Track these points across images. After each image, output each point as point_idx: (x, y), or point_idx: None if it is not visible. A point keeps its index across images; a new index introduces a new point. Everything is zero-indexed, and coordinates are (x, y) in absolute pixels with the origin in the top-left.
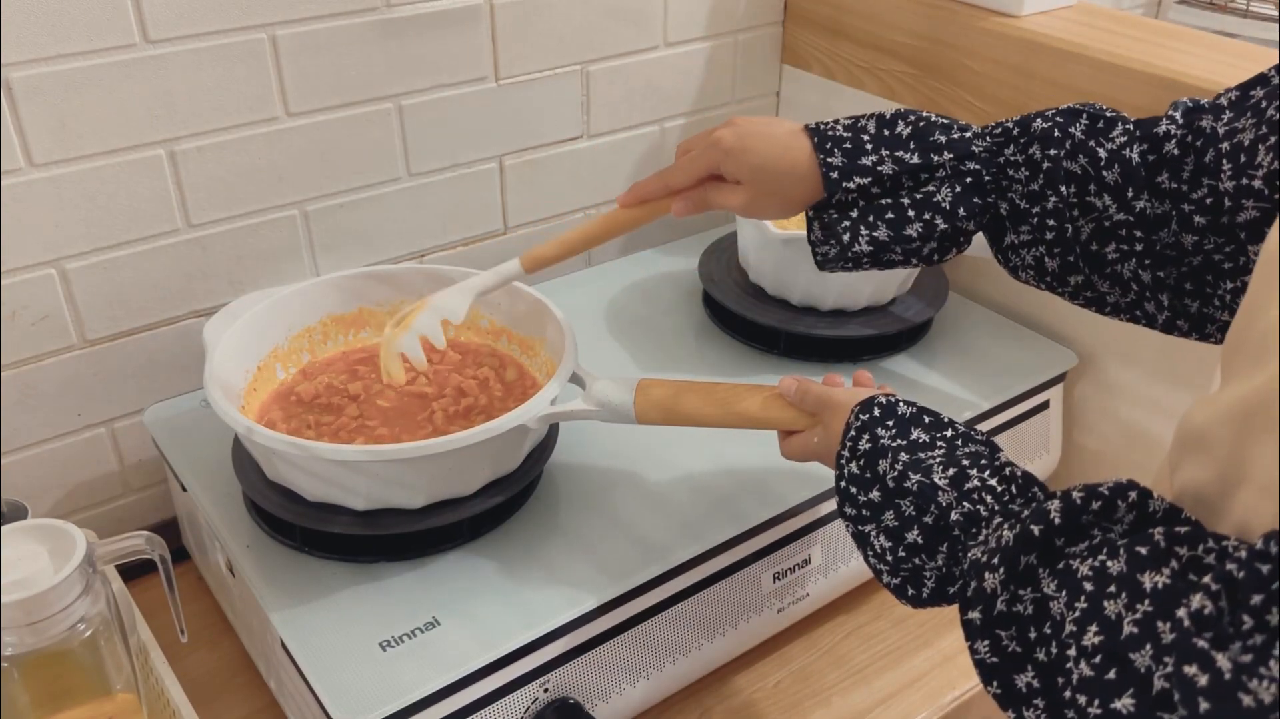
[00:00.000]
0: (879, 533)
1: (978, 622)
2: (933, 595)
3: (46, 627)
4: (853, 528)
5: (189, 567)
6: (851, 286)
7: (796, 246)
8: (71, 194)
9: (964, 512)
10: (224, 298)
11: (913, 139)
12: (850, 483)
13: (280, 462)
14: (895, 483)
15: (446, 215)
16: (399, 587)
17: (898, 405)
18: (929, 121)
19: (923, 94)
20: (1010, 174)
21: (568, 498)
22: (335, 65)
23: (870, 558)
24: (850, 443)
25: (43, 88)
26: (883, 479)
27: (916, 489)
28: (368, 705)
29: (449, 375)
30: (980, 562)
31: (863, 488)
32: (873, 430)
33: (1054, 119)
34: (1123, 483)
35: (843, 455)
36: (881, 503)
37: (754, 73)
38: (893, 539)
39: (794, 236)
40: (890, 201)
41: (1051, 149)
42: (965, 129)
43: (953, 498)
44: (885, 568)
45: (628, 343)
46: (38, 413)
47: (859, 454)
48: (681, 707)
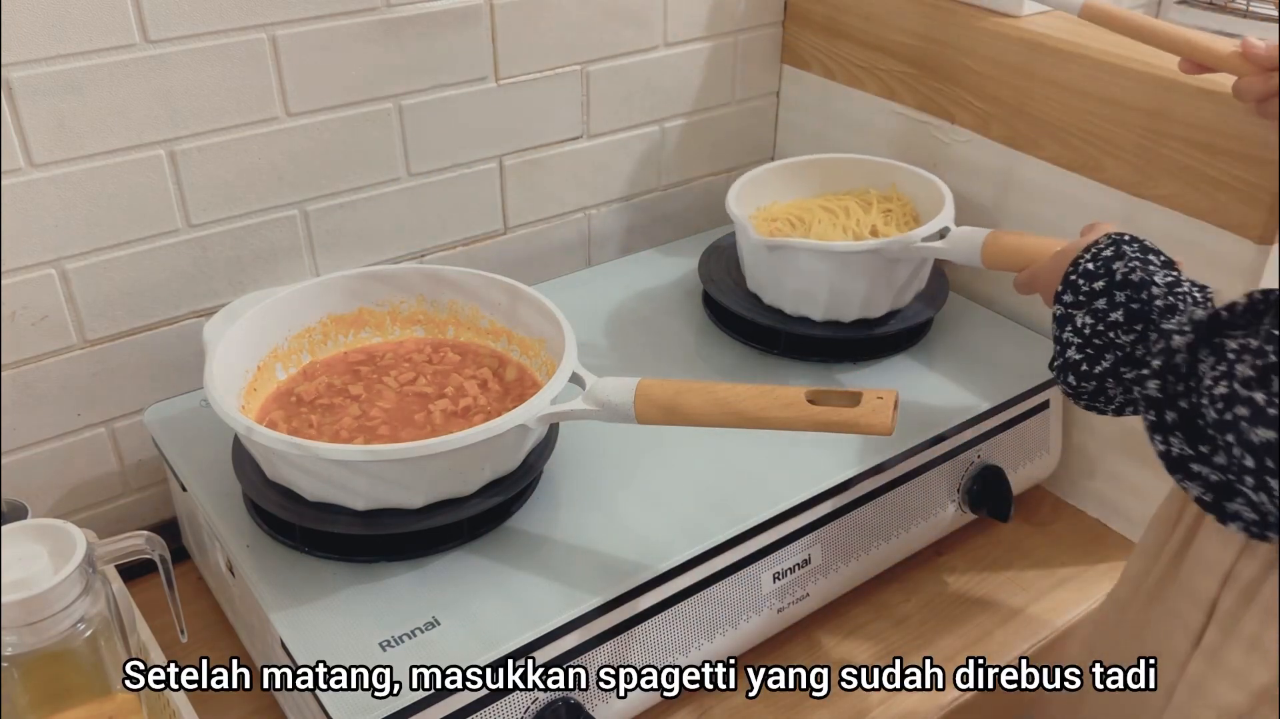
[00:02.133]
0: (1086, 313)
1: (1157, 368)
2: (1105, 373)
3: (46, 627)
4: (1060, 310)
5: (189, 567)
6: (841, 295)
7: (782, 255)
8: (71, 194)
9: (1167, 303)
10: (224, 298)
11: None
12: (1081, 276)
13: (280, 462)
14: (1122, 277)
15: (446, 215)
16: (399, 587)
17: (1145, 239)
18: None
19: (923, 94)
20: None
21: (568, 498)
22: (335, 65)
23: (1062, 332)
24: (1095, 248)
25: (43, 88)
26: (1112, 274)
27: (1138, 280)
28: (368, 705)
29: (449, 375)
30: (1171, 328)
31: (1089, 279)
32: (1119, 246)
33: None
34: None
35: (1083, 257)
36: (1101, 291)
37: (754, 73)
38: (1095, 318)
39: (779, 244)
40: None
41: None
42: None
43: (1163, 292)
44: (1073, 345)
45: (628, 343)
46: (38, 413)
47: (1100, 258)
48: (681, 707)
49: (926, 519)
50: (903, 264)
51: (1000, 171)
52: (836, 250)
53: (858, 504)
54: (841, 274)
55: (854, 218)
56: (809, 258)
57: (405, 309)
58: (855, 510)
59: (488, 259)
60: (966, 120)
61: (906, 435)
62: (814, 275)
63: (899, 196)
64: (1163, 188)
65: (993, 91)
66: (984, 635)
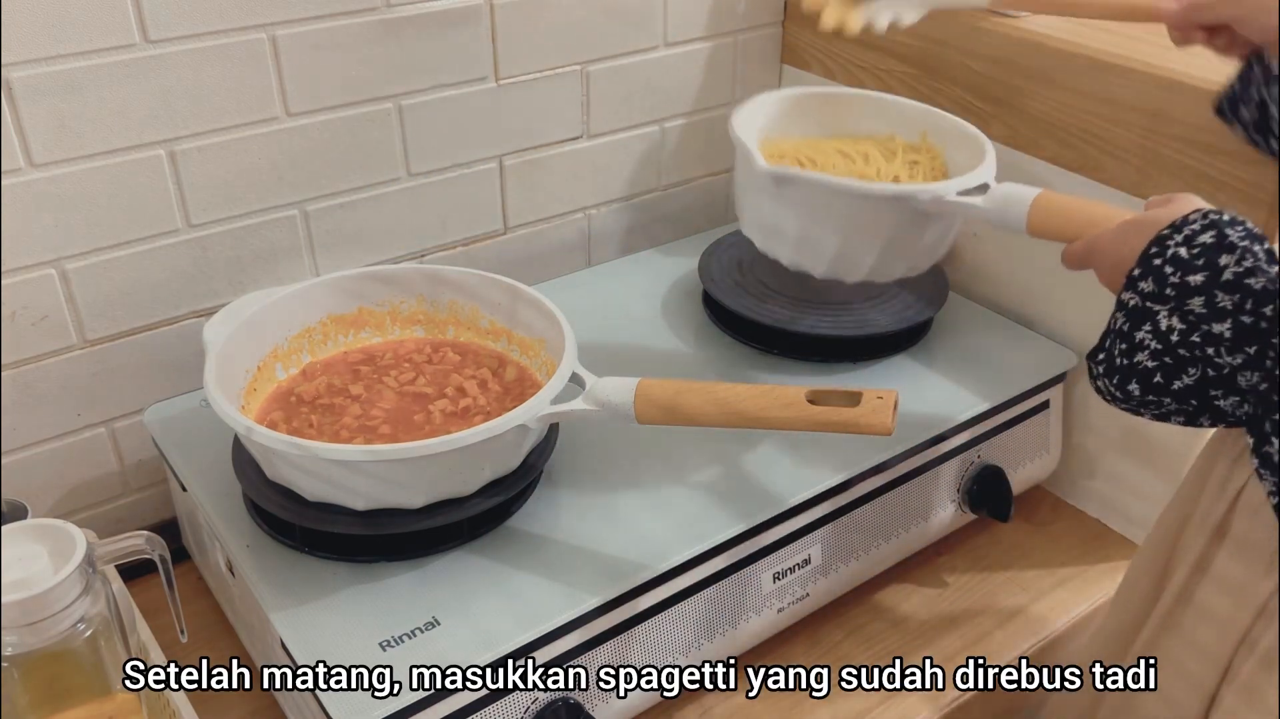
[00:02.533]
0: (1172, 314)
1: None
2: (1184, 390)
3: (46, 627)
4: (1136, 301)
5: (189, 567)
6: (852, 249)
7: (789, 191)
8: (71, 194)
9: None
10: (224, 298)
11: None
12: (1168, 263)
13: (280, 462)
14: (1234, 277)
15: (446, 215)
16: (399, 587)
17: (1246, 221)
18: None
19: (923, 94)
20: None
21: (568, 498)
22: (335, 65)
23: (1134, 331)
24: (1189, 229)
25: (43, 88)
26: (1218, 269)
27: (1260, 289)
28: (368, 705)
29: (449, 375)
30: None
31: (1181, 269)
32: (1222, 229)
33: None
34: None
35: (1172, 238)
36: (1199, 289)
37: (754, 73)
38: (1187, 324)
39: (788, 175)
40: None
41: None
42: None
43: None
44: (1148, 348)
45: (628, 343)
46: (38, 413)
47: (1197, 244)
48: (681, 707)
49: (926, 519)
50: (930, 222)
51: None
52: (857, 190)
53: (858, 504)
54: (858, 221)
55: (874, 166)
56: (823, 196)
57: (405, 309)
58: (855, 510)
59: (488, 259)
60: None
61: (906, 435)
62: (825, 219)
63: (929, 147)
64: (1163, 188)
65: (993, 91)
66: (984, 635)
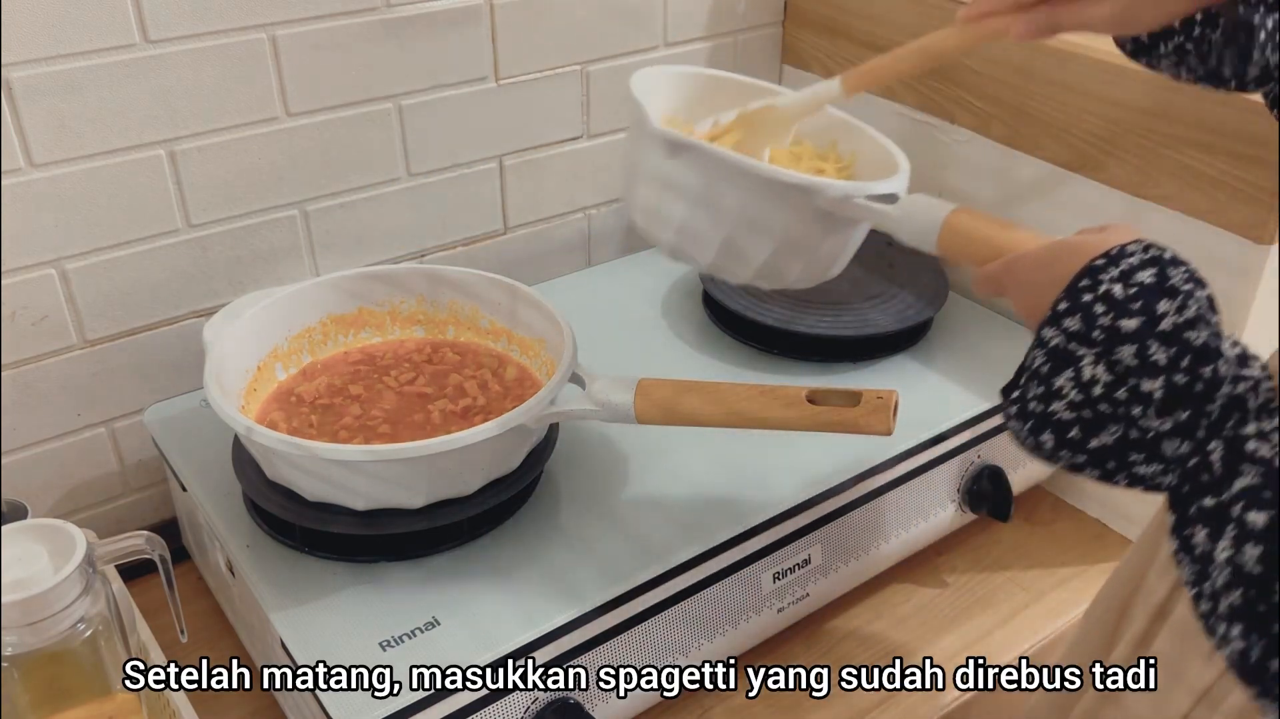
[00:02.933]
0: (1099, 363)
1: (1260, 525)
2: (1100, 450)
3: (46, 627)
4: (1059, 340)
5: (189, 567)
6: (741, 242)
7: (682, 164)
8: (71, 194)
9: (1235, 394)
10: (224, 298)
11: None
12: (1099, 300)
13: (280, 462)
14: (1173, 328)
15: (446, 215)
16: (399, 587)
17: (1189, 263)
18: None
19: (923, 94)
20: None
21: (568, 498)
22: (335, 65)
23: (1053, 376)
24: (1126, 262)
25: (43, 88)
26: (1154, 317)
27: (1199, 346)
28: (368, 705)
29: (449, 375)
30: (1276, 465)
31: (1115, 311)
32: (1164, 269)
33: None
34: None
35: (1107, 270)
36: (1131, 336)
37: (754, 73)
38: (1115, 376)
39: (684, 143)
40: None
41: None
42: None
43: (1232, 373)
44: (1067, 398)
45: (628, 343)
46: (38, 413)
47: (1134, 283)
48: (681, 707)
49: (926, 519)
50: (832, 225)
51: (1000, 171)
52: (758, 172)
53: (858, 504)
54: (753, 209)
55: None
56: (719, 173)
57: (405, 309)
58: (855, 510)
59: (488, 259)
60: (966, 120)
61: (906, 435)
62: (716, 202)
63: (837, 158)
64: (1163, 188)
65: (993, 91)
66: (984, 635)
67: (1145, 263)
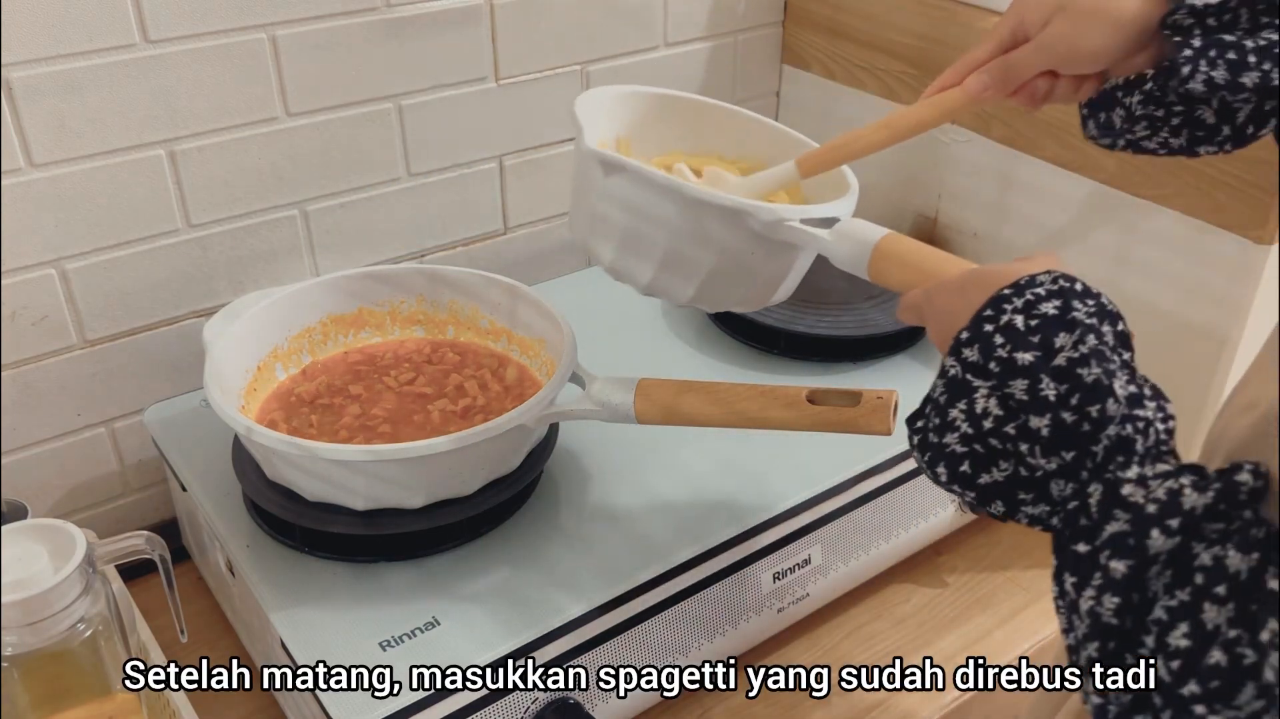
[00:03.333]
0: (991, 396)
1: (1120, 574)
2: (991, 487)
3: (46, 627)
4: (956, 371)
5: (189, 567)
6: (677, 264)
7: (618, 183)
8: (71, 194)
9: (1123, 435)
10: (224, 298)
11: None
12: (1000, 331)
13: (280, 461)
14: (1067, 363)
15: (446, 215)
16: (399, 587)
17: (1101, 295)
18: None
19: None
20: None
21: (568, 498)
22: (335, 65)
23: (949, 407)
24: (1031, 295)
25: (43, 88)
26: (1051, 350)
27: (1090, 383)
28: (368, 705)
29: (449, 375)
30: (1146, 512)
31: (1014, 345)
32: (1069, 300)
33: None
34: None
35: (1011, 301)
36: (1025, 370)
37: (754, 73)
38: (1006, 411)
39: (619, 163)
40: (1234, 39)
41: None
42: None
43: (1120, 413)
44: (959, 430)
45: (628, 343)
46: (38, 413)
47: (1037, 314)
48: (681, 707)
49: (926, 519)
50: (771, 249)
51: (1000, 171)
52: (688, 194)
53: (858, 504)
54: (686, 230)
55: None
56: (651, 194)
57: (405, 309)
58: (855, 510)
59: (488, 259)
60: (966, 120)
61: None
62: (650, 223)
63: (795, 186)
64: (1163, 188)
65: None
66: (984, 635)
67: (1051, 294)
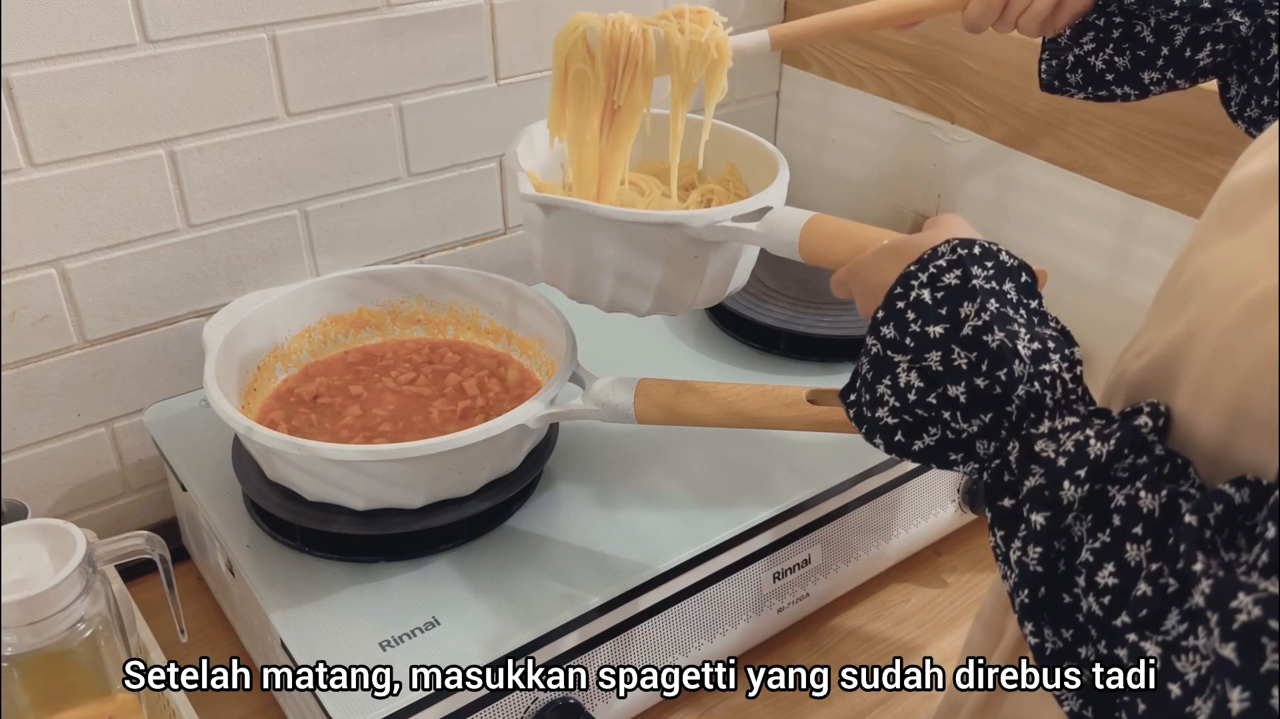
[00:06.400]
0: (911, 369)
1: (1040, 526)
2: (925, 451)
3: (46, 627)
4: (878, 349)
5: (189, 567)
6: (630, 282)
7: (557, 221)
8: (71, 194)
9: (1031, 392)
10: (224, 298)
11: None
12: (910, 307)
13: (280, 461)
14: (973, 331)
15: (446, 215)
16: (399, 587)
17: (1000, 252)
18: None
19: (923, 94)
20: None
21: (568, 498)
22: (335, 65)
23: (876, 383)
24: (934, 268)
25: (43, 88)
26: (958, 321)
27: (995, 348)
28: (368, 705)
29: (448, 375)
30: (1057, 465)
31: (924, 319)
32: (968, 268)
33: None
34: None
35: (917, 277)
36: (937, 342)
37: (754, 73)
38: (926, 382)
39: (551, 202)
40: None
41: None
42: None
43: (1027, 372)
44: (888, 404)
45: (628, 343)
46: (38, 413)
47: (941, 286)
48: (681, 707)
49: (926, 519)
50: (713, 250)
51: (1000, 171)
52: (620, 219)
53: (858, 504)
54: (630, 253)
55: (649, 197)
56: (589, 225)
57: (405, 309)
58: (855, 510)
59: (488, 259)
60: (966, 120)
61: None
62: (595, 251)
63: (738, 181)
64: (1163, 188)
65: (993, 91)
66: None
67: (951, 264)
